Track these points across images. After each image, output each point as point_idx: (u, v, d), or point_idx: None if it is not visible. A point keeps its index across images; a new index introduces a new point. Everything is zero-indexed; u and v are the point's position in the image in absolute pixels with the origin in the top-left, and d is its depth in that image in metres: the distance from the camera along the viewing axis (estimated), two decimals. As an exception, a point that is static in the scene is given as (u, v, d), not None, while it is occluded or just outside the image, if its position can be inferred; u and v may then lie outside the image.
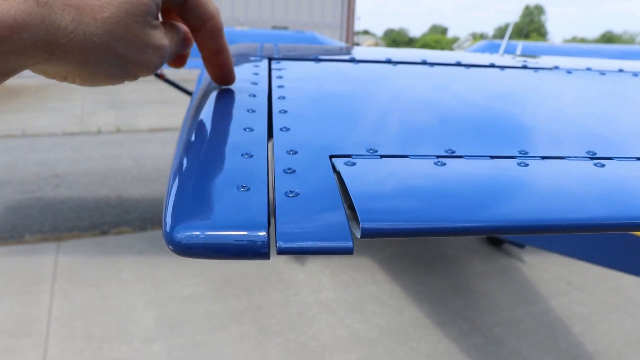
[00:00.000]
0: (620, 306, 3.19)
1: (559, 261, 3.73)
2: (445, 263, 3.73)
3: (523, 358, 2.66)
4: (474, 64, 0.79)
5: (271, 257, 0.32)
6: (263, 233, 0.31)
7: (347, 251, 0.31)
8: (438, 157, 0.43)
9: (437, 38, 66.53)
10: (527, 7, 63.73)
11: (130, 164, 6.26)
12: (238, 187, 0.36)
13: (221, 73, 0.55)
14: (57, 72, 0.41)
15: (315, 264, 3.59)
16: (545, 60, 0.90)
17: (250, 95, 0.55)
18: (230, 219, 0.33)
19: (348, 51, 0.95)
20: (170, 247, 0.32)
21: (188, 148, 0.43)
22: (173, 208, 0.34)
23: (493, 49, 4.10)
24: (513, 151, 0.46)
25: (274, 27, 18.33)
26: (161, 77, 3.90)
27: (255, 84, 0.59)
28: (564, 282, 3.46)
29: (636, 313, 3.12)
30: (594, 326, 2.95)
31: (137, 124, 8.86)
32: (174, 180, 0.38)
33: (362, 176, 0.39)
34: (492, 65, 0.81)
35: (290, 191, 0.36)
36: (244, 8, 18.57)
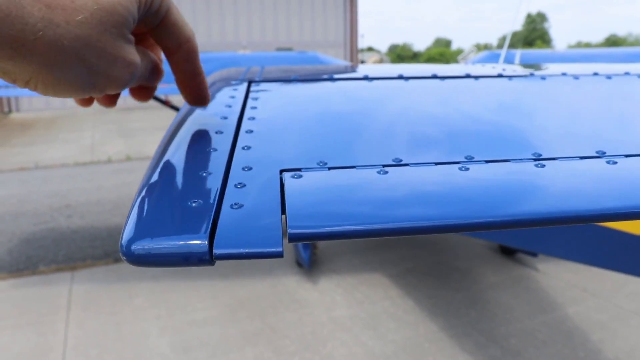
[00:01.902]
0: None
1: (574, 268, 3.69)
2: (458, 275, 3.70)
3: (542, 368, 2.62)
4: (449, 75, 0.80)
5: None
6: (204, 242, 0.35)
7: (277, 255, 0.35)
8: (383, 166, 0.46)
9: (442, 51, 66.79)
10: (529, 16, 63.90)
11: (141, 190, 6.30)
12: (190, 202, 0.39)
13: (196, 96, 0.55)
14: (19, 73, 0.38)
15: (328, 282, 3.59)
16: (552, 68, 0.91)
17: (222, 118, 0.58)
18: (177, 230, 0.36)
19: (332, 70, 0.96)
20: (124, 257, 0.35)
21: (154, 169, 0.46)
22: (129, 222, 0.37)
23: (494, 59, 4.11)
24: (459, 157, 0.48)
25: (279, 49, 18.51)
26: (167, 103, 3.96)
27: (230, 106, 0.61)
28: (579, 289, 3.42)
29: (655, 317, 3.07)
30: (613, 333, 2.91)
31: (146, 151, 8.95)
32: (136, 198, 0.41)
33: (303, 186, 0.42)
34: (467, 76, 0.82)
35: (235, 203, 0.39)
36: (248, 31, 18.80)
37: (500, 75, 0.83)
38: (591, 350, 2.75)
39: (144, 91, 0.56)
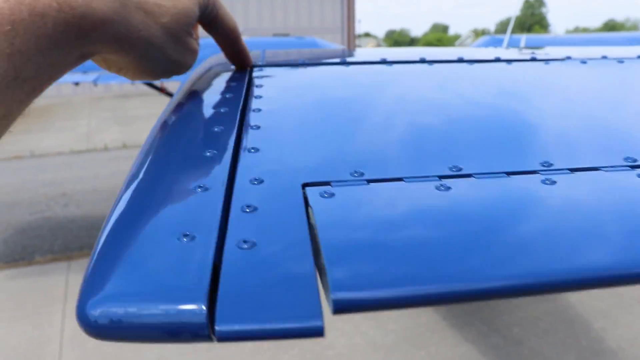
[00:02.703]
0: (641, 299, 3.13)
1: (576, 256, 3.66)
2: (459, 263, 3.67)
3: (544, 357, 2.60)
4: (478, 59, 0.74)
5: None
6: (202, 307, 0.23)
7: (316, 332, 0.22)
8: (439, 177, 0.34)
9: (439, 36, 66.43)
10: (527, 1, 63.54)
11: (137, 179, 6.25)
12: (180, 235, 0.28)
13: (243, 60, 0.66)
14: (116, 62, 0.47)
15: (327, 271, 3.55)
16: (556, 51, 0.84)
17: (221, 110, 0.49)
18: (161, 285, 0.24)
19: (342, 53, 0.89)
20: (81, 326, 0.23)
21: (128, 188, 0.34)
22: (90, 272, 0.25)
23: (496, 44, 4.05)
24: (535, 164, 0.37)
25: (275, 35, 18.37)
26: (162, 90, 3.90)
27: (230, 96, 0.52)
28: (581, 277, 3.40)
29: (658, 305, 3.05)
30: (615, 321, 2.89)
31: (143, 139, 8.80)
32: (104, 227, 0.29)
33: (338, 212, 0.31)
34: (497, 60, 0.75)
35: (245, 241, 0.27)
36: (244, 17, 18.62)
37: (534, 59, 0.75)
38: (594, 339, 2.73)
39: None
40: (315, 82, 0.63)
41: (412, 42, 75.05)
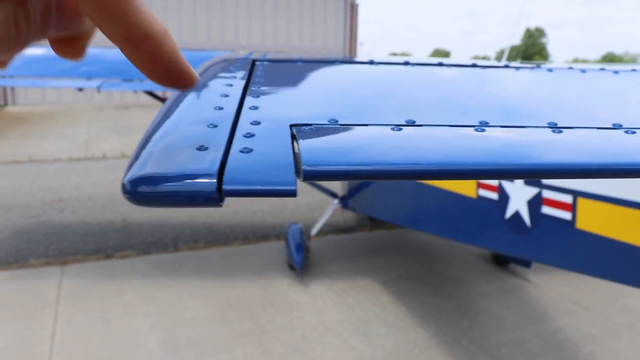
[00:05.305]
0: (631, 326, 3.15)
1: (567, 281, 3.69)
2: (450, 283, 3.69)
3: (532, 379, 2.61)
4: (455, 64, 0.82)
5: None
6: (212, 181, 0.33)
7: (290, 193, 0.33)
8: (397, 125, 0.46)
9: (440, 61, 66.90)
10: (528, 30, 64.32)
11: (135, 188, 6.27)
12: (197, 147, 0.38)
13: (158, 67, 0.32)
14: None
15: (319, 285, 3.57)
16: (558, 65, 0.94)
17: (227, 85, 0.57)
18: (184, 170, 0.35)
19: (339, 58, 0.97)
20: (126, 196, 0.33)
21: (161, 120, 0.44)
22: (134, 160, 0.36)
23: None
24: (474, 122, 0.49)
25: (278, 52, 18.51)
26: (164, 100, 3.94)
27: (234, 77, 0.61)
28: (571, 302, 3.42)
29: (646, 332, 3.07)
30: (604, 346, 2.90)
31: (142, 148, 8.90)
32: (143, 139, 0.40)
33: (315, 135, 0.43)
34: (474, 65, 0.83)
35: (245, 148, 0.39)
36: (247, 34, 18.80)
37: (507, 66, 0.84)
38: (581, 363, 2.75)
39: (65, 43, 0.37)
40: (307, 72, 0.74)
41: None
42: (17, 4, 0.29)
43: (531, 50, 62.95)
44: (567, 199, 2.32)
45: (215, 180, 0.33)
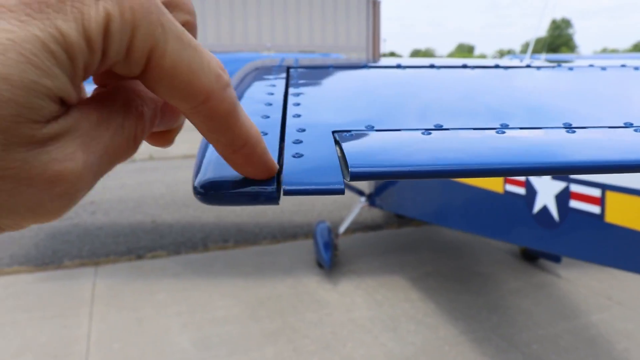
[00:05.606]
0: (665, 321, 3.09)
1: (598, 275, 3.63)
2: (479, 280, 3.67)
3: (564, 375, 2.58)
4: (479, 65, 0.84)
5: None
6: (272, 182, 0.38)
7: (339, 191, 0.38)
8: (426, 129, 0.51)
9: (464, 56, 66.35)
10: (554, 21, 63.13)
11: (163, 190, 6.38)
12: None
13: (253, 169, 0.36)
14: None
15: (348, 283, 3.59)
16: (578, 62, 0.95)
17: (267, 94, 0.61)
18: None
19: (368, 61, 1.00)
20: (197, 196, 0.38)
21: None
22: (201, 166, 0.41)
23: (520, 63, 4.07)
24: (495, 124, 0.53)
25: (301, 52, 18.57)
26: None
27: (273, 86, 0.65)
28: (604, 297, 3.37)
29: (682, 328, 3.01)
30: (639, 343, 2.85)
31: (169, 151, 9.04)
32: (201, 150, 0.44)
33: (356, 139, 0.48)
34: (496, 66, 0.87)
35: (296, 153, 0.43)
36: (271, 34, 18.90)
37: (528, 66, 0.86)
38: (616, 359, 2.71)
39: (159, 136, 0.40)
40: (341, 77, 0.79)
41: (437, 61, 74.84)
42: (137, 119, 0.32)
43: (557, 41, 61.78)
44: (596, 192, 2.29)
45: (274, 182, 0.38)
